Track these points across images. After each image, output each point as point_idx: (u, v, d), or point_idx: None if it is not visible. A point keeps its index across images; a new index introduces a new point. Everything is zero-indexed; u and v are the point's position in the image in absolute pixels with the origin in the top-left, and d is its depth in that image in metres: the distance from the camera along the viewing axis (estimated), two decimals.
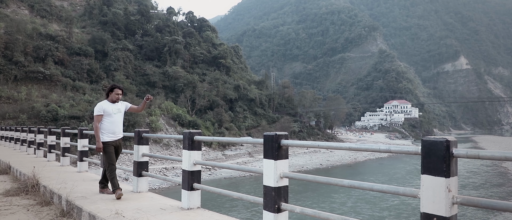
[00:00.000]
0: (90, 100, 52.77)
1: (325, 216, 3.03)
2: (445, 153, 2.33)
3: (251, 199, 3.80)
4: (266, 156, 3.45)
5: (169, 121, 56.46)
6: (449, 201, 2.34)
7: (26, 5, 74.25)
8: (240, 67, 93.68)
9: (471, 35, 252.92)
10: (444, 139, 2.35)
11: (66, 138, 9.32)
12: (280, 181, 3.39)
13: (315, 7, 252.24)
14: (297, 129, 77.00)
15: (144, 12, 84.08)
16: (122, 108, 5.66)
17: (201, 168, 4.57)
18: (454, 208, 2.38)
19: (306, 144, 3.33)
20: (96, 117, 5.43)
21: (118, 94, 5.56)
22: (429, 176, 2.39)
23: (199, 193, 4.61)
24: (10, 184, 7.55)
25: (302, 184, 32.66)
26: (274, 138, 3.39)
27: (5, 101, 47.86)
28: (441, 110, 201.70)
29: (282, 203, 3.40)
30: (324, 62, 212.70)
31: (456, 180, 2.41)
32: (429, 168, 2.39)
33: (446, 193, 2.33)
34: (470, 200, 2.33)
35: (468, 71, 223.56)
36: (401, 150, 2.65)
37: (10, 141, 17.19)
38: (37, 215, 5.10)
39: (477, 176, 42.15)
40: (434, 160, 2.37)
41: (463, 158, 2.35)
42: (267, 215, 3.41)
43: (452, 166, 2.36)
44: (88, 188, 6.07)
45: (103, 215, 4.20)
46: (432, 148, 2.38)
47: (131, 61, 71.16)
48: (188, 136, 4.57)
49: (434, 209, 2.36)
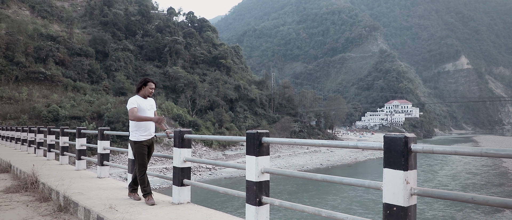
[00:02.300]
0: (90, 100, 53.09)
1: (301, 208, 3.26)
2: (404, 148, 2.55)
3: (235, 193, 4.02)
4: (249, 153, 3.68)
5: (170, 121, 56.68)
6: (408, 192, 2.56)
7: (27, 6, 74.58)
8: (240, 68, 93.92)
9: (472, 35, 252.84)
10: (403, 135, 2.57)
11: (65, 137, 9.57)
12: (261, 176, 3.61)
13: (316, 7, 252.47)
14: (298, 129, 77.18)
15: (145, 13, 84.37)
16: (154, 105, 5.20)
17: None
18: (413, 199, 2.60)
19: (285, 141, 3.56)
20: (131, 110, 4.84)
21: (152, 88, 5.03)
22: (390, 169, 2.61)
23: (189, 188, 4.84)
24: (10, 181, 7.79)
25: (299, 185, 32.90)
26: (255, 135, 3.62)
27: (6, 102, 48.19)
28: (442, 109, 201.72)
29: (263, 196, 3.62)
30: (325, 62, 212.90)
31: (414, 173, 2.62)
32: (389, 162, 2.62)
33: (405, 185, 2.55)
34: (426, 191, 2.56)
35: (469, 71, 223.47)
36: (367, 146, 2.88)
37: (11, 140, 17.47)
38: (36, 211, 5.33)
39: (477, 176, 42.21)
40: (394, 155, 2.59)
41: (419, 152, 2.57)
42: (249, 208, 3.63)
43: (410, 160, 2.58)
44: (84, 185, 6.30)
45: (97, 209, 4.44)
46: (392, 143, 2.60)
47: (131, 62, 71.47)
48: (179, 134, 4.81)
49: (394, 199, 2.58)
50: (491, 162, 52.82)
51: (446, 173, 43.93)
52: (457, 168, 48.08)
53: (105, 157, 7.19)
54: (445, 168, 48.60)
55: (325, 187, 30.66)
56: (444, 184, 35.96)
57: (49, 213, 5.15)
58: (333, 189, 29.99)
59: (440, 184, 36.25)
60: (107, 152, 7.20)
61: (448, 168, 48.26)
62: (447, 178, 40.41)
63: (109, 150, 7.22)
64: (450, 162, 53.16)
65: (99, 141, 7.12)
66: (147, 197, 4.89)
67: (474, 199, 2.31)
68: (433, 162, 53.67)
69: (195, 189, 5.06)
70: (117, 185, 6.36)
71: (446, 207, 24.40)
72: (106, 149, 7.17)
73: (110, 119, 46.32)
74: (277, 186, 33.43)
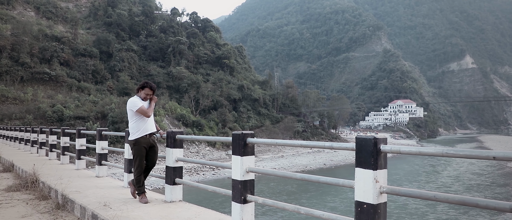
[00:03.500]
0: (95, 101, 53.48)
1: (282, 205, 3.42)
2: (373, 149, 2.70)
3: (222, 191, 4.19)
4: (234, 153, 3.84)
5: (173, 121, 56.99)
6: (377, 191, 2.71)
7: (32, 7, 75.25)
8: (244, 68, 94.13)
9: (477, 34, 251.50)
10: (373, 137, 2.72)
11: (65, 138, 9.79)
12: (246, 175, 3.77)
13: (319, 7, 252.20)
14: (301, 129, 77.31)
15: (148, 13, 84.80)
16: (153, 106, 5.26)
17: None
18: (382, 197, 2.75)
19: (267, 142, 3.72)
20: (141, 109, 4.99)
21: (147, 94, 5.10)
22: (361, 169, 2.76)
23: (181, 187, 5.02)
24: (12, 180, 8.01)
25: (299, 186, 33.01)
26: (240, 136, 3.78)
27: (12, 102, 48.67)
28: (447, 109, 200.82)
29: (248, 194, 3.78)
30: (328, 62, 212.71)
31: (384, 172, 2.77)
32: (360, 161, 2.77)
33: (374, 184, 2.70)
34: (394, 190, 2.71)
35: (473, 70, 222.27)
36: (341, 146, 3.04)
37: (15, 140, 17.76)
38: (35, 208, 5.53)
39: (482, 177, 42.09)
40: (364, 155, 2.74)
41: (388, 153, 2.72)
42: (235, 206, 3.80)
43: (379, 160, 2.73)
44: (82, 184, 6.50)
45: (92, 207, 4.62)
46: (363, 144, 2.75)
47: (135, 62, 71.90)
48: (171, 135, 4.99)
49: (364, 197, 2.74)
50: (496, 163, 52.61)
51: (448, 174, 43.84)
52: (460, 169, 47.95)
53: (103, 157, 7.39)
54: (447, 168, 48.49)
55: (325, 188, 30.77)
56: (448, 186, 35.88)
57: (47, 210, 5.35)
58: (332, 190, 30.09)
59: (443, 185, 36.19)
60: (105, 152, 7.39)
61: (451, 169, 48.15)
62: (450, 179, 40.30)
63: (107, 150, 7.42)
64: (453, 163, 52.98)
65: (98, 141, 7.32)
66: (140, 195, 5.06)
67: (436, 196, 2.46)
68: (436, 163, 53.55)
69: (197, 190, 5.20)
70: (114, 184, 6.55)
71: (449, 209, 24.45)
72: (104, 149, 7.37)
73: (114, 119, 46.66)
74: (277, 186, 33.61)
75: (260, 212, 23.03)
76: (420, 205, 25.54)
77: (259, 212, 23.11)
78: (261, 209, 23.38)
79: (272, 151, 60.20)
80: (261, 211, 23.14)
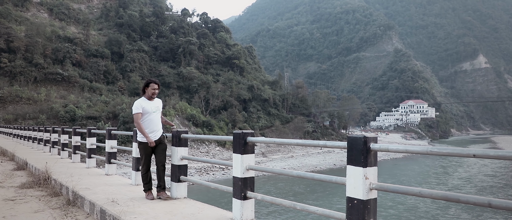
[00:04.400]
0: (106, 101, 54.23)
1: (279, 201, 3.58)
2: (363, 147, 2.84)
3: (224, 188, 4.36)
4: (235, 151, 4.00)
5: (183, 121, 57.46)
6: (367, 187, 2.85)
7: (45, 9, 76.60)
8: (254, 68, 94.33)
9: (490, 33, 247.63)
10: (363, 135, 2.86)
11: (76, 137, 10.09)
12: (246, 173, 3.94)
13: (330, 7, 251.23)
14: (311, 129, 77.15)
15: (159, 14, 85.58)
16: (160, 106, 5.29)
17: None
18: (372, 193, 2.89)
19: (266, 141, 3.87)
20: (136, 116, 5.04)
21: (154, 89, 5.11)
22: (352, 166, 2.90)
23: (185, 184, 5.21)
24: (26, 178, 8.30)
25: (307, 186, 33.06)
26: (241, 135, 3.94)
27: (26, 102, 49.66)
28: (459, 109, 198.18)
29: (248, 191, 3.94)
30: (339, 62, 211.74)
31: (374, 169, 2.90)
32: (351, 159, 2.91)
33: (364, 180, 2.84)
34: (382, 186, 2.84)
35: (487, 70, 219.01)
36: (334, 145, 3.18)
37: (28, 139, 18.21)
38: (47, 204, 5.78)
39: (495, 178, 41.57)
40: (355, 153, 2.88)
41: (378, 151, 2.86)
42: (236, 202, 3.96)
43: (369, 158, 2.86)
44: (92, 181, 6.74)
45: (100, 203, 4.83)
46: (354, 143, 2.89)
47: (146, 63, 72.67)
48: (176, 134, 5.18)
49: (355, 193, 2.88)
50: (510, 163, 51.76)
51: (459, 176, 43.34)
52: (472, 171, 47.31)
53: (113, 155, 7.63)
54: (458, 170, 47.94)
55: (332, 189, 30.80)
56: (460, 187, 35.44)
57: (58, 206, 5.59)
58: (339, 191, 30.10)
59: (454, 187, 35.79)
60: (115, 151, 7.63)
61: (461, 170, 47.58)
62: (461, 181, 39.78)
63: (117, 149, 7.66)
64: (464, 164, 52.34)
65: (107, 140, 7.56)
66: (147, 192, 5.23)
67: (421, 192, 2.59)
68: (446, 164, 53.00)
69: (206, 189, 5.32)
70: (122, 181, 6.77)
71: (462, 211, 24.29)
72: (113, 148, 7.60)
73: (125, 119, 47.27)
74: (285, 187, 33.75)
75: (266, 212, 23.20)
76: (430, 207, 25.40)
77: (266, 211, 23.28)
78: (268, 209, 23.55)
79: (282, 151, 60.28)
80: (267, 211, 23.30)
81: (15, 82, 53.75)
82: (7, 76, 54.61)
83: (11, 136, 25.00)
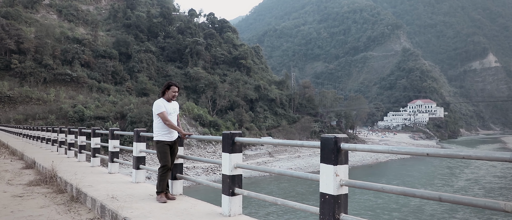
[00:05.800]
0: (114, 101, 54.92)
1: (262, 197, 3.86)
2: (334, 147, 3.10)
3: (214, 185, 4.65)
4: (224, 150, 4.29)
5: (191, 121, 57.96)
6: (337, 183, 3.11)
7: (54, 10, 77.73)
8: (260, 68, 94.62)
9: (501, 32, 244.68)
10: (333, 135, 3.13)
11: (82, 137, 10.47)
12: (234, 171, 4.22)
13: (337, 6, 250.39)
14: (318, 129, 77.20)
15: (166, 15, 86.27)
16: (177, 108, 5.37)
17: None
18: (342, 189, 3.15)
19: (253, 141, 4.15)
20: (162, 114, 5.05)
21: (175, 92, 5.19)
22: (324, 164, 3.17)
23: (181, 182, 5.51)
24: (33, 176, 8.69)
25: (308, 186, 33.19)
26: (229, 135, 4.23)
27: (35, 103, 50.52)
28: (468, 109, 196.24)
29: (236, 188, 4.23)
30: (346, 61, 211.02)
31: (345, 167, 3.16)
32: (324, 158, 3.17)
33: (334, 177, 3.10)
34: (352, 183, 3.10)
35: (497, 69, 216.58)
36: (309, 144, 3.44)
37: (37, 139, 18.71)
38: (53, 200, 6.13)
39: (503, 179, 41.27)
40: (327, 152, 3.14)
41: (347, 150, 3.11)
42: (224, 198, 4.25)
43: (340, 157, 3.12)
44: (95, 179, 7.08)
45: (101, 199, 5.16)
46: (326, 142, 3.15)
47: (153, 63, 73.35)
48: None
49: (327, 189, 3.14)
50: None
51: (467, 177, 43.05)
52: (479, 172, 46.92)
53: (115, 155, 7.97)
54: (465, 171, 47.63)
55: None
56: (467, 189, 35.23)
57: (63, 202, 5.93)
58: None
59: (461, 189, 35.59)
60: (117, 150, 7.97)
61: (468, 171, 47.26)
62: (469, 182, 39.48)
63: (119, 148, 8.00)
64: (471, 165, 51.96)
65: (110, 140, 7.90)
66: (159, 194, 5.07)
67: (383, 188, 2.85)
68: (453, 165, 52.68)
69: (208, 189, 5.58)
70: (123, 179, 7.10)
71: (470, 215, 24.22)
72: (116, 147, 7.94)
73: (133, 119, 47.84)
74: (288, 187, 33.95)
75: (266, 212, 23.44)
76: (436, 211, 25.34)
77: (266, 212, 23.52)
78: (268, 209, 23.79)
79: (288, 152, 60.48)
80: (266, 211, 23.54)
81: (25, 83, 54.71)
82: (18, 77, 55.60)
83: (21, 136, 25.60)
